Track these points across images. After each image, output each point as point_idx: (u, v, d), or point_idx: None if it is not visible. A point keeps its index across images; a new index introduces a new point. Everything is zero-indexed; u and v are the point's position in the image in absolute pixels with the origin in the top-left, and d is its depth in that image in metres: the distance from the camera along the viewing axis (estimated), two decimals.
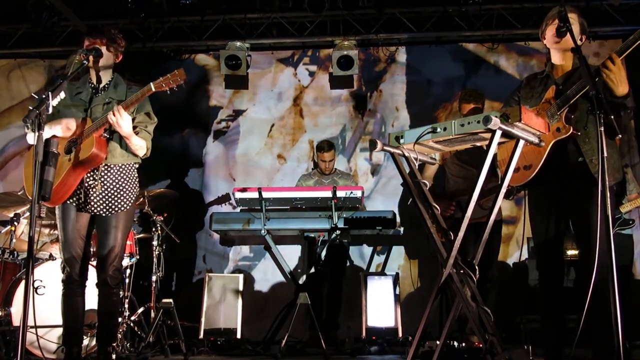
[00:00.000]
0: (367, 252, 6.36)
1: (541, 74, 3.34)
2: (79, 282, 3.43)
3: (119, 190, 3.47)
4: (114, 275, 3.45)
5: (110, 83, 3.57)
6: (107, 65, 3.54)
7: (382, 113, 6.78)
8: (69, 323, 3.44)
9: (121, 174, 3.51)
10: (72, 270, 3.38)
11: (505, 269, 5.99)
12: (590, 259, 2.66)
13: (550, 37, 3.17)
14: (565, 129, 2.95)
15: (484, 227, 2.61)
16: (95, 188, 3.39)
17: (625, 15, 6.28)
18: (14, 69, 7.06)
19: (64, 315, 3.44)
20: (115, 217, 3.46)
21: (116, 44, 3.53)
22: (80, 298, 3.45)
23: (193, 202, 6.64)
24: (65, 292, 3.42)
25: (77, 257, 3.40)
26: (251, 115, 6.89)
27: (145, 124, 3.58)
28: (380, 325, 5.20)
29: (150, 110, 3.63)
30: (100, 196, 3.41)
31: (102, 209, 3.43)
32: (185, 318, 5.14)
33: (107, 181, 3.45)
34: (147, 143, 3.55)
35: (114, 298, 3.52)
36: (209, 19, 6.69)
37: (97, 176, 3.42)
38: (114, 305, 3.56)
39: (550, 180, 3.08)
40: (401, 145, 2.75)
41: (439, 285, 2.59)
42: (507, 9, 6.40)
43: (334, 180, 5.68)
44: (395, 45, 6.88)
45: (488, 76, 6.69)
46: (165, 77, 3.24)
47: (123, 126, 3.29)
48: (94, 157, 3.31)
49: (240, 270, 6.33)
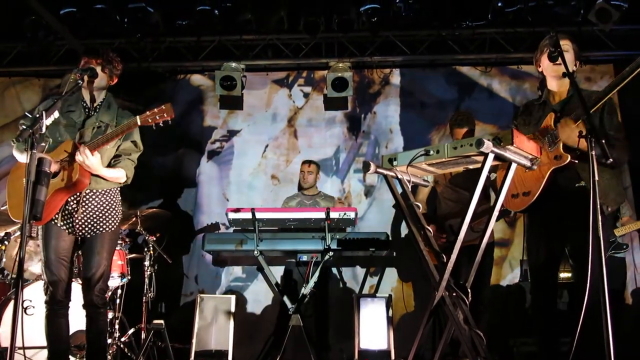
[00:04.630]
0: (360, 273, 6.33)
1: (538, 101, 3.38)
2: (63, 303, 3.39)
3: (103, 212, 3.48)
4: (100, 295, 3.43)
5: (103, 104, 3.57)
6: (101, 87, 3.56)
7: (375, 135, 6.80)
8: (54, 345, 3.38)
9: (105, 197, 3.53)
10: (56, 291, 3.34)
11: (498, 292, 5.97)
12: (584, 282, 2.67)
13: (546, 64, 3.22)
14: (564, 158, 2.97)
15: (476, 249, 2.61)
16: (77, 212, 3.39)
17: (616, 41, 6.37)
18: (9, 87, 7.05)
19: (49, 337, 3.38)
20: (101, 237, 3.46)
21: (112, 65, 3.54)
22: (64, 319, 3.41)
23: (186, 222, 6.61)
24: (49, 313, 3.37)
25: (61, 277, 3.36)
26: (245, 136, 6.90)
27: (130, 152, 3.60)
28: (373, 348, 5.15)
29: (138, 139, 3.64)
30: (85, 219, 3.42)
31: (86, 230, 3.42)
32: (176, 339, 5.08)
33: (90, 204, 3.46)
34: (127, 172, 3.56)
35: (101, 318, 3.48)
36: (205, 40, 6.73)
37: (81, 201, 3.42)
38: (102, 326, 3.52)
39: (549, 205, 3.09)
40: (394, 168, 2.76)
41: (432, 308, 2.58)
42: (499, 33, 6.48)
43: (316, 201, 5.70)
44: (390, 67, 6.93)
45: (481, 99, 6.73)
46: (152, 111, 3.24)
47: (90, 166, 3.30)
48: (77, 184, 3.33)
49: (232, 291, 6.28)
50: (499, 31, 6.46)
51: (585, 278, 2.82)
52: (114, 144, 3.51)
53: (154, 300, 5.07)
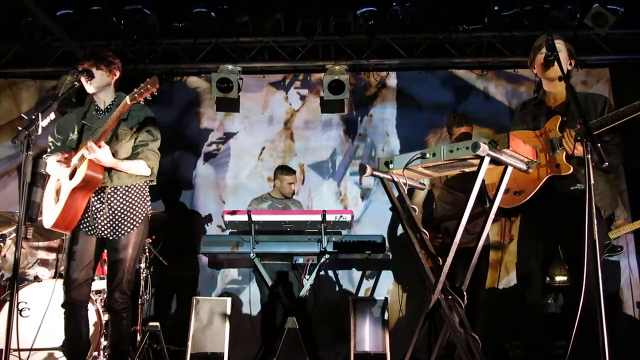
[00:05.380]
0: (356, 276, 6.33)
1: (534, 100, 3.39)
2: (79, 305, 3.37)
3: (126, 212, 3.43)
4: (120, 300, 3.40)
5: (114, 104, 3.53)
6: (104, 85, 3.52)
7: (372, 137, 6.81)
8: (72, 347, 3.37)
9: (128, 195, 3.47)
10: (74, 293, 3.32)
11: (494, 295, 5.97)
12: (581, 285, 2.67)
13: (540, 66, 3.22)
14: (565, 169, 2.97)
15: (472, 252, 2.61)
16: (102, 211, 3.36)
17: (612, 45, 6.40)
18: (5, 88, 7.03)
19: (68, 340, 3.37)
20: (125, 239, 3.42)
21: (106, 61, 3.50)
22: (83, 321, 3.40)
23: (182, 224, 6.60)
24: (66, 315, 3.36)
25: (80, 280, 3.34)
26: (242, 138, 6.90)
27: (147, 142, 3.53)
28: (368, 351, 5.15)
29: (152, 128, 3.57)
30: (107, 219, 3.38)
31: (109, 232, 3.39)
32: (172, 342, 5.07)
33: (114, 204, 3.41)
34: (148, 163, 3.49)
35: (122, 322, 3.45)
36: (202, 42, 6.73)
37: (104, 199, 3.39)
38: (122, 330, 3.47)
39: (543, 207, 3.09)
40: (390, 170, 2.76)
41: (427, 311, 2.58)
42: (496, 36, 6.50)
43: (287, 205, 5.72)
44: (386, 70, 6.94)
45: (477, 102, 6.75)
46: (138, 87, 3.19)
47: (100, 158, 3.25)
48: (89, 179, 3.27)
49: (228, 293, 6.27)
50: (495, 35, 6.48)
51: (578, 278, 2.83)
52: (129, 138, 3.46)
53: (150, 303, 5.05)
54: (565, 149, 2.98)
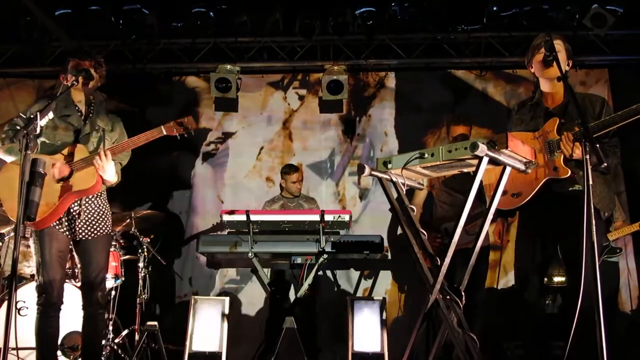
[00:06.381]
0: (354, 276, 6.33)
1: (530, 101, 3.37)
2: (56, 305, 3.36)
3: (101, 215, 3.53)
4: (101, 299, 3.46)
5: (95, 107, 3.60)
6: (93, 89, 3.56)
7: (370, 138, 6.81)
8: (43, 347, 3.35)
9: (101, 200, 3.58)
10: (51, 293, 3.31)
11: (492, 295, 5.97)
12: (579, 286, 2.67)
13: (538, 66, 3.20)
14: (563, 172, 2.97)
15: (471, 252, 2.61)
16: (80, 216, 3.40)
17: (611, 45, 6.40)
18: (3, 88, 7.01)
19: (40, 340, 3.34)
20: (100, 239, 3.49)
21: (102, 67, 3.56)
22: (56, 322, 3.38)
23: (180, 223, 6.60)
24: (41, 316, 3.33)
25: (56, 280, 3.33)
26: (240, 138, 6.89)
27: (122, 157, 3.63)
28: (366, 351, 5.14)
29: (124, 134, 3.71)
30: (86, 222, 3.44)
31: (87, 233, 3.44)
32: (170, 341, 5.07)
33: (90, 207, 3.49)
34: (118, 177, 3.59)
35: (101, 319, 3.53)
36: (200, 42, 6.72)
37: (82, 203, 3.45)
38: (101, 327, 3.56)
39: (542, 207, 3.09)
40: (389, 171, 2.76)
41: (426, 311, 2.58)
42: (495, 37, 6.49)
43: (300, 204, 5.73)
44: (385, 70, 6.94)
45: (476, 103, 6.74)
46: (176, 121, 3.41)
47: (107, 171, 3.33)
48: (91, 188, 3.36)
49: (226, 293, 6.27)
50: (494, 35, 6.48)
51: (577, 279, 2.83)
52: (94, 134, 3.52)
53: (148, 302, 5.06)
54: (563, 151, 2.97)
